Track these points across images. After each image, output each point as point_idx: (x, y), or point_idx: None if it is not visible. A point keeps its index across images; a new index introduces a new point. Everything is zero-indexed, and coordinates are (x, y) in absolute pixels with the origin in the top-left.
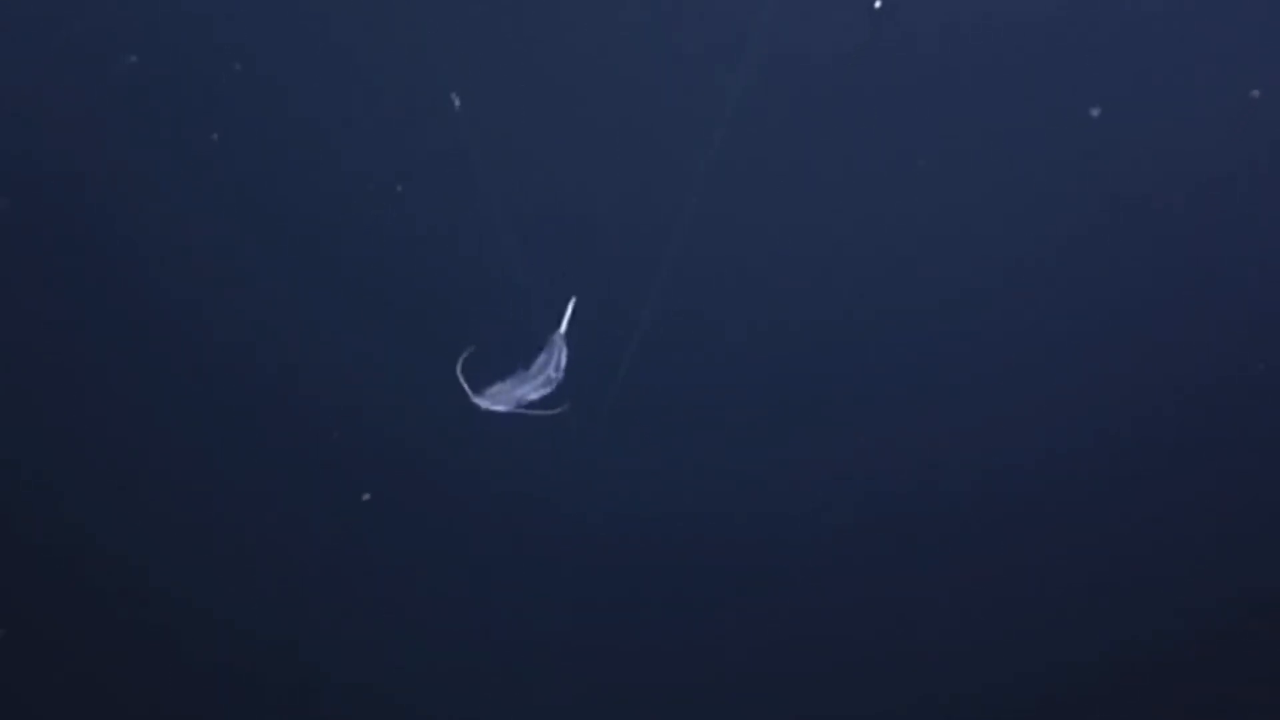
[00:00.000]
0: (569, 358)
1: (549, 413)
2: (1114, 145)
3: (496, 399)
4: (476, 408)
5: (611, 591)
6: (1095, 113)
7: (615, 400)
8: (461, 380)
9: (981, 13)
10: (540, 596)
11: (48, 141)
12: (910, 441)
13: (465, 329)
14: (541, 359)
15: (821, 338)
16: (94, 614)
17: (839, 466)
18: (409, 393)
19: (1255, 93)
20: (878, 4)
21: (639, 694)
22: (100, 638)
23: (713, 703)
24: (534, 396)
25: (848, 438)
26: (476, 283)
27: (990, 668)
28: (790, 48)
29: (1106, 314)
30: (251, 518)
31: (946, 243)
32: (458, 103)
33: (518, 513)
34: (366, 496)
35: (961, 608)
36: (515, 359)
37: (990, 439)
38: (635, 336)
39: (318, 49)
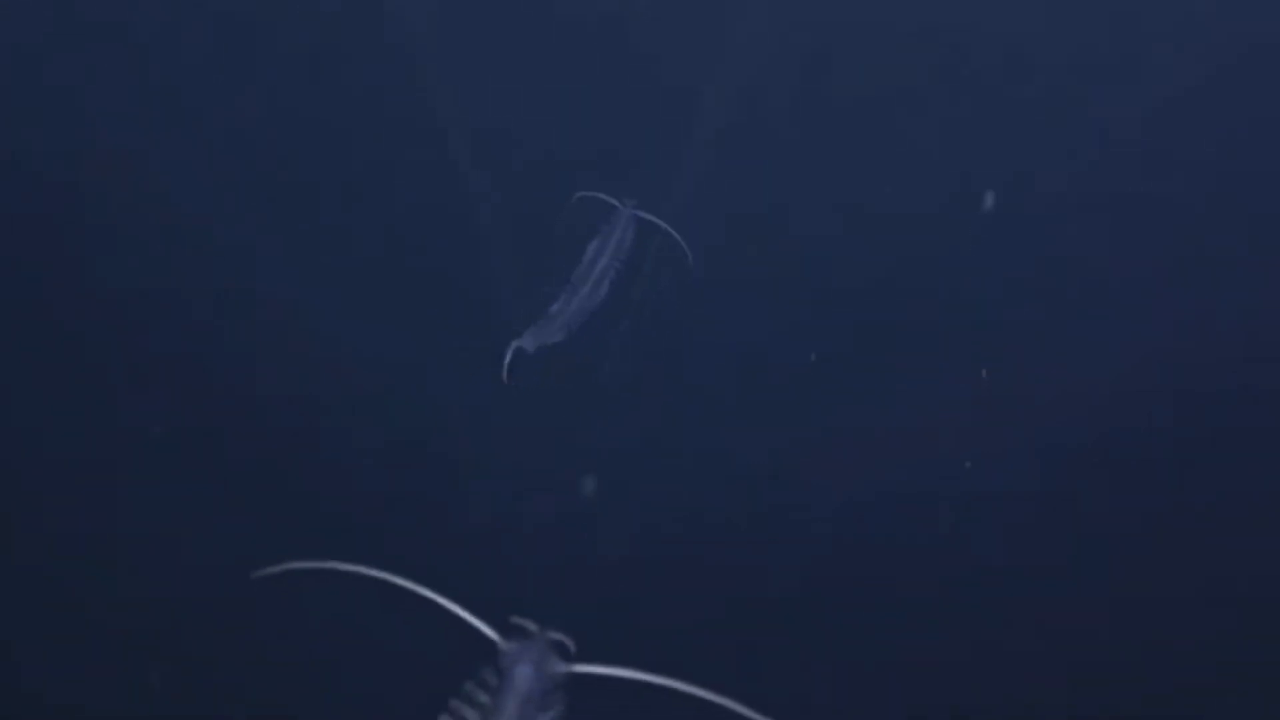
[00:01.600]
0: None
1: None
2: (1119, 140)
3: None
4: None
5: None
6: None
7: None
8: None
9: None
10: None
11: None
12: (918, 442)
13: (460, 323)
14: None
15: (826, 335)
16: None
17: (846, 463)
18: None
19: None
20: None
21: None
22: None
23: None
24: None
25: (856, 434)
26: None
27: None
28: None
29: (1114, 312)
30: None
31: (952, 238)
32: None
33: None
34: None
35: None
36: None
37: (1001, 438)
38: (625, 329)
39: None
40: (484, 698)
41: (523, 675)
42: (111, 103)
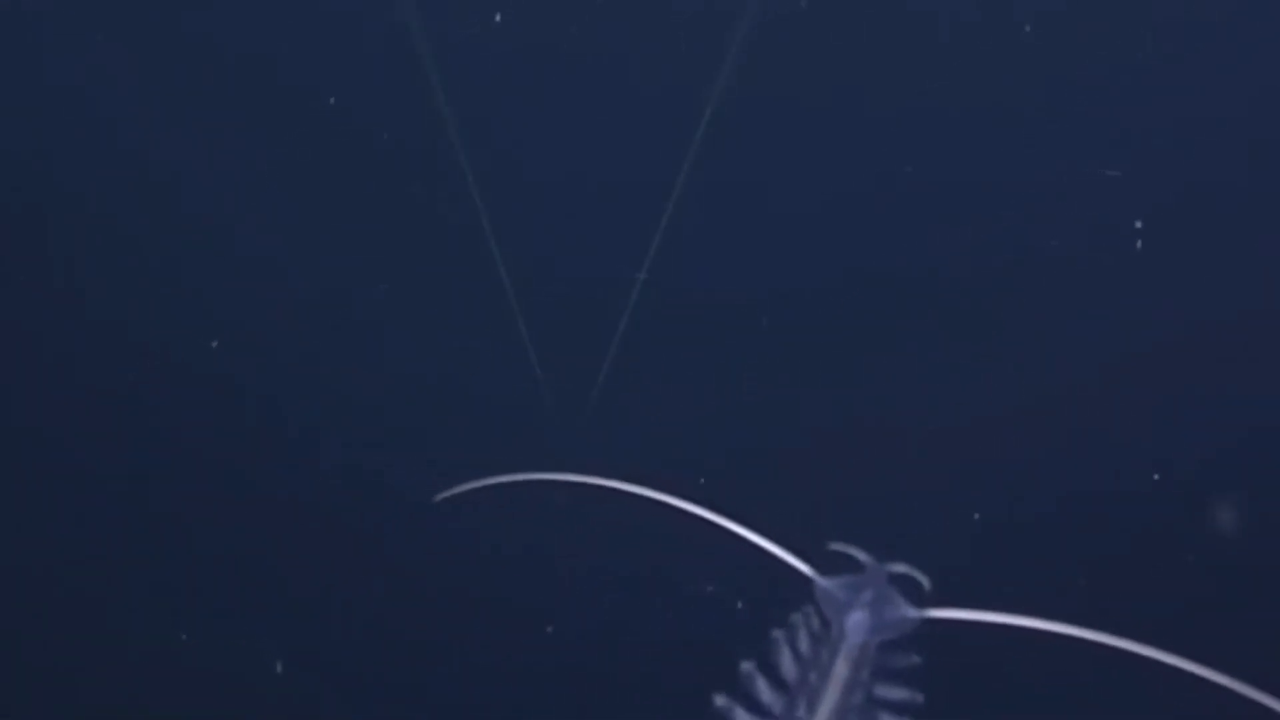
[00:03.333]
0: None
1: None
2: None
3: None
4: None
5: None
6: None
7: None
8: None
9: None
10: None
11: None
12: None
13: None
14: None
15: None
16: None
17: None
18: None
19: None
20: None
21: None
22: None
23: None
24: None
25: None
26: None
27: None
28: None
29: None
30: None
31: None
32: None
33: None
34: None
35: None
36: None
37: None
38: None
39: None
40: (799, 655)
41: (856, 625)
42: (116, 99)
